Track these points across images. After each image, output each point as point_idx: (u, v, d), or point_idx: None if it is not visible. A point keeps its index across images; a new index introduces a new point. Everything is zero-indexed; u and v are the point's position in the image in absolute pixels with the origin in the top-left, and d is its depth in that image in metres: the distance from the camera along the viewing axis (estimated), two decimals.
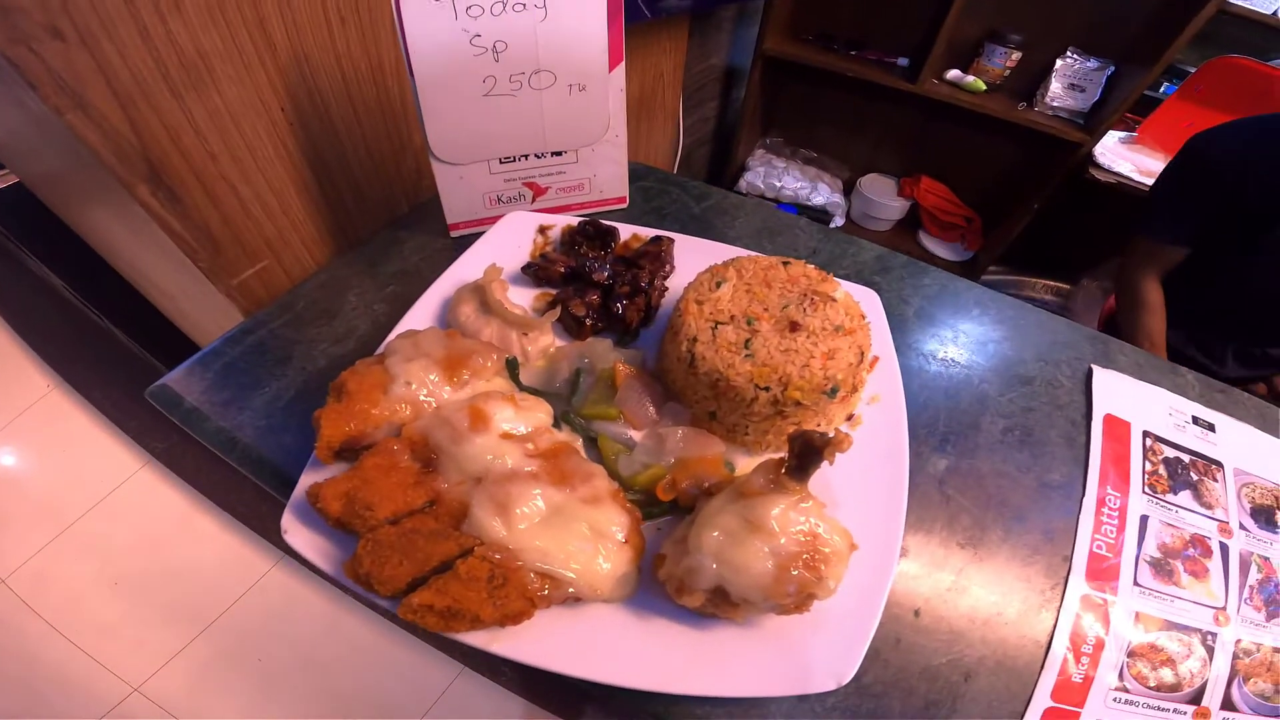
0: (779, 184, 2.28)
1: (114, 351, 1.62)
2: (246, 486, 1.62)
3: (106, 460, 1.67)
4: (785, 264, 0.60)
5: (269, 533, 1.58)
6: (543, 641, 0.44)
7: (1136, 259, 1.25)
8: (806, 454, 0.42)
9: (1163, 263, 1.22)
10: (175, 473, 1.66)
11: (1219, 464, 0.67)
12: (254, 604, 1.48)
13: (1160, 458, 0.66)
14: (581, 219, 0.73)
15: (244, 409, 0.60)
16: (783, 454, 0.45)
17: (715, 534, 0.42)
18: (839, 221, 2.33)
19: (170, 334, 1.30)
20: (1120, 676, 0.52)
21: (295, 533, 0.48)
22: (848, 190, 2.41)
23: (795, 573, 0.40)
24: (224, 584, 1.50)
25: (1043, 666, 0.51)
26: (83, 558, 1.51)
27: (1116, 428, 0.67)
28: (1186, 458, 0.67)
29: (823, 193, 2.30)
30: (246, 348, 0.65)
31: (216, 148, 0.67)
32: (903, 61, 2.00)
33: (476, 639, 0.43)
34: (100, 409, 1.75)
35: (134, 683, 1.34)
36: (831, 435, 0.41)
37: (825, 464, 0.42)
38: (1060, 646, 0.52)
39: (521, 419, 0.50)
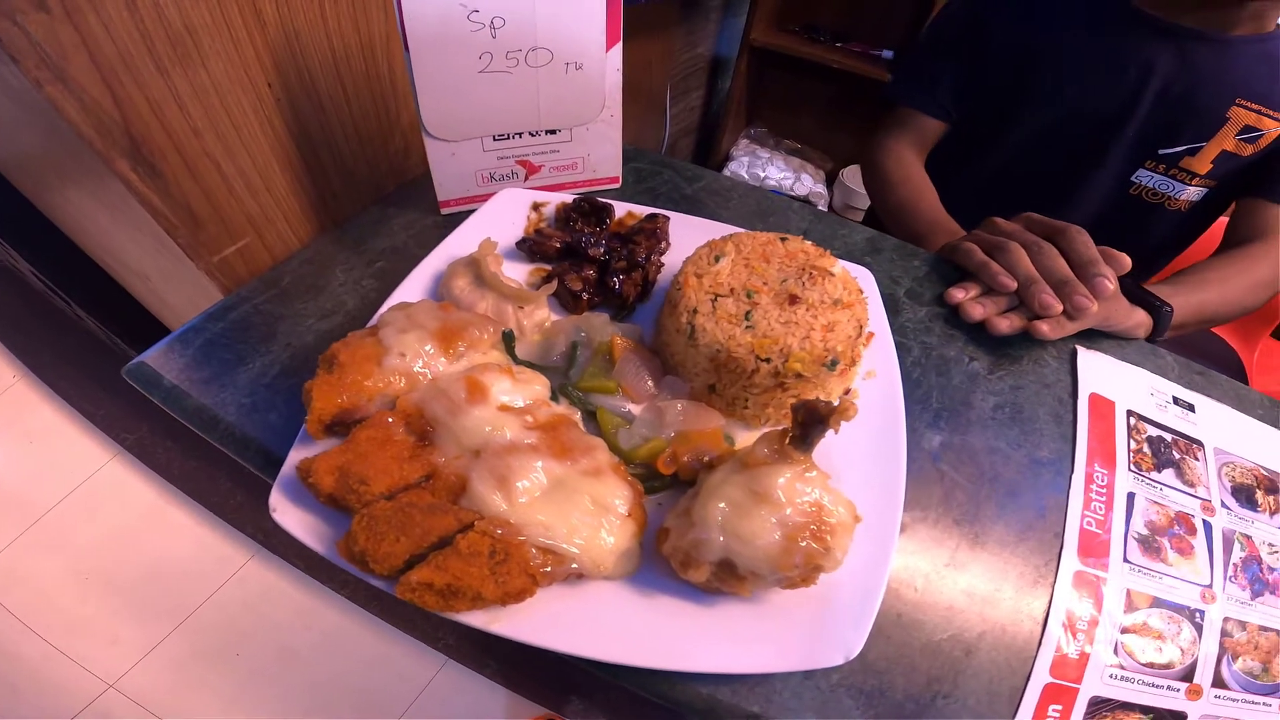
0: (763, 174, 2.29)
1: (82, 340, 1.57)
2: (220, 477, 1.58)
3: (75, 452, 1.62)
4: (783, 240, 0.59)
5: (244, 524, 1.54)
6: (545, 621, 0.43)
7: (895, 131, 1.09)
8: (811, 422, 0.42)
9: (922, 140, 1.08)
10: (146, 464, 1.61)
11: (1199, 443, 0.68)
12: (231, 598, 1.45)
13: (1144, 436, 0.67)
14: (576, 196, 0.72)
15: (226, 386, 0.58)
16: (784, 426, 0.45)
17: (721, 505, 0.42)
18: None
19: (142, 320, 1.26)
20: (1116, 652, 0.52)
21: (284, 511, 0.46)
22: (830, 181, 2.43)
23: (803, 544, 0.40)
24: (199, 578, 1.46)
25: (1040, 642, 0.51)
26: (52, 552, 1.46)
27: (1101, 406, 0.68)
28: (1169, 436, 0.68)
29: (806, 183, 2.32)
30: (229, 324, 0.63)
31: (200, 123, 0.64)
32: (887, 54, 2.02)
33: (476, 619, 0.42)
34: (68, 399, 1.70)
35: (108, 679, 1.30)
36: (836, 403, 0.41)
37: (827, 435, 0.42)
38: (1056, 623, 0.52)
39: (519, 391, 0.49)
